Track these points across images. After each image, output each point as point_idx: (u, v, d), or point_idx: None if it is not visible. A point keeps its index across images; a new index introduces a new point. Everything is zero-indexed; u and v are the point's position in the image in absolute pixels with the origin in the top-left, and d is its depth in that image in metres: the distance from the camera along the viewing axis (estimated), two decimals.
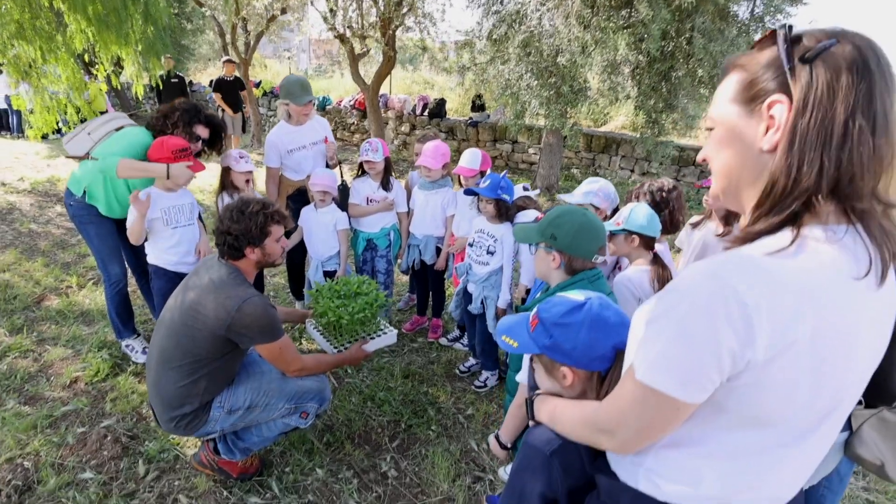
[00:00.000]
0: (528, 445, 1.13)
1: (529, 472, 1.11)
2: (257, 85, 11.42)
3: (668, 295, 0.79)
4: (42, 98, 5.02)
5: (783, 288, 0.70)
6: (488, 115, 8.87)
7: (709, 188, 2.63)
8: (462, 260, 2.86)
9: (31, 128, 5.38)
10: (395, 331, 2.47)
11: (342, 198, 3.15)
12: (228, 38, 9.36)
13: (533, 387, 1.21)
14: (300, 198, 3.27)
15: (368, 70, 9.91)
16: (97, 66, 5.23)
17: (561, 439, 1.09)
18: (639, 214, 1.97)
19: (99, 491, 2.07)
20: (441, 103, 9.14)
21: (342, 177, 3.46)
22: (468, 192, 2.65)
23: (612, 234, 1.99)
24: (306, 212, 3.09)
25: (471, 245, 2.74)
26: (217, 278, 1.85)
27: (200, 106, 2.68)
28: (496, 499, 2.13)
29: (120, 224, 2.74)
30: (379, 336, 2.40)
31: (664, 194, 2.24)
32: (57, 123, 5.28)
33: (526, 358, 1.51)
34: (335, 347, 2.34)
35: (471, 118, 8.84)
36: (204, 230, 2.80)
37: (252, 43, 9.49)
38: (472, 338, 2.95)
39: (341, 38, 7.89)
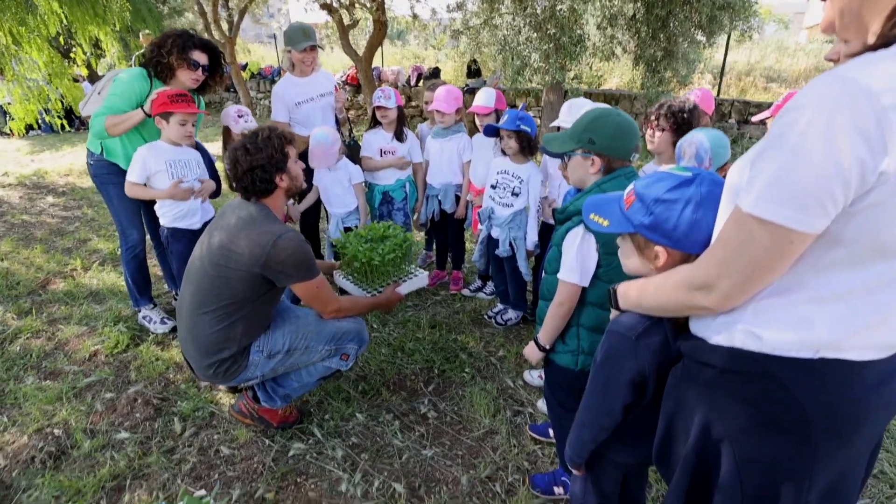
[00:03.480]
0: (611, 333, 1.08)
1: (616, 359, 1.06)
2: (244, 67, 11.14)
3: (783, 116, 0.70)
4: (21, 87, 4.80)
5: None
6: (484, 81, 8.71)
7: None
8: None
9: (13, 119, 5.17)
10: (426, 272, 2.41)
11: (352, 154, 3.05)
12: (210, 17, 9.07)
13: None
14: None
15: (358, 41, 9.67)
16: (75, 51, 4.98)
17: (646, 321, 1.04)
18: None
19: (137, 449, 2.02)
20: (436, 72, 8.96)
21: (351, 133, 3.36)
22: (488, 129, 2.56)
23: None
24: (320, 170, 2.99)
25: (493, 187, 2.66)
26: (247, 216, 1.77)
27: (192, 31, 2.54)
28: (539, 427, 2.10)
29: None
30: (410, 279, 2.34)
31: (685, 115, 2.08)
32: (38, 114, 5.05)
33: (568, 256, 1.45)
34: (368, 293, 2.28)
35: (467, 85, 8.68)
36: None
37: (236, 20, 9.21)
38: (500, 283, 2.89)
39: (329, 9, 7.67)
